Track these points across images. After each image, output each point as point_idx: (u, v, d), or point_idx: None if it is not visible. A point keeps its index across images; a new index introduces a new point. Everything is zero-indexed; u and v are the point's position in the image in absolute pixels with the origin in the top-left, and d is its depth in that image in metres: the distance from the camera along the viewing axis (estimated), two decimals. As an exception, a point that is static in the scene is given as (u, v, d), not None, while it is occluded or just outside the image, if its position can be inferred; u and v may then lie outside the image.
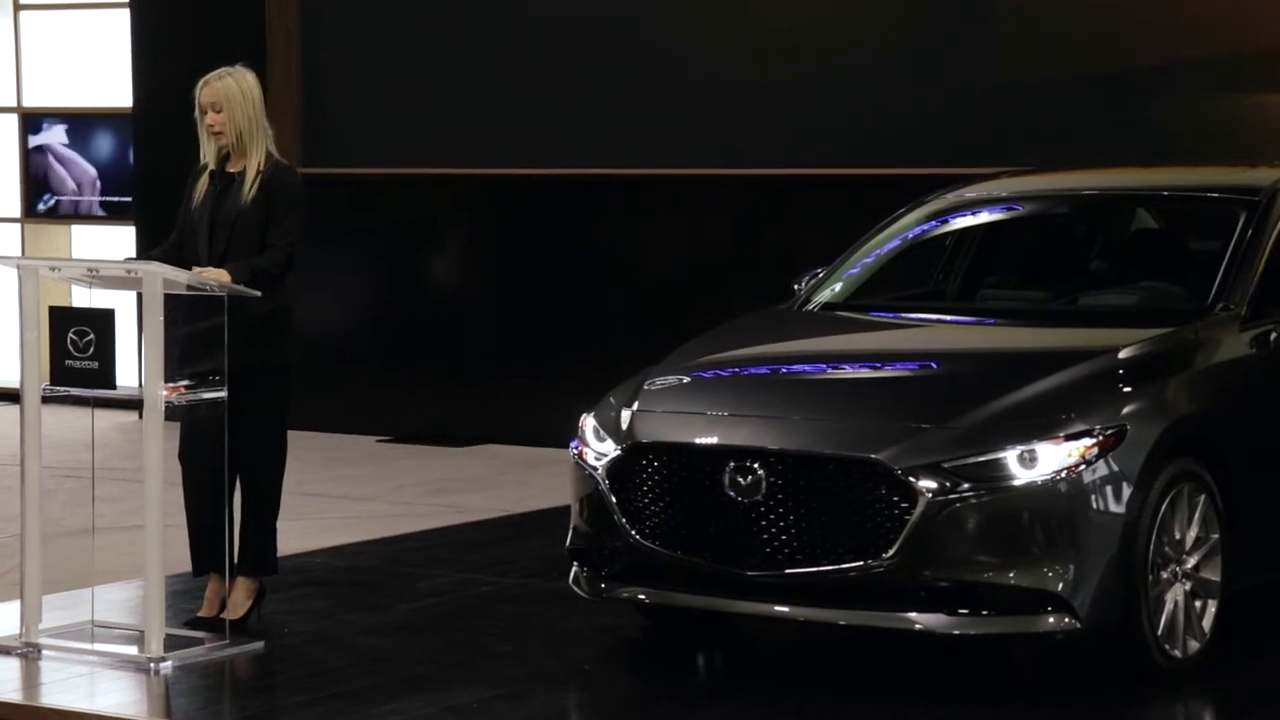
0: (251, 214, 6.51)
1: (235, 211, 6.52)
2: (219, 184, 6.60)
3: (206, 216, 6.57)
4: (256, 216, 6.51)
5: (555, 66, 10.99)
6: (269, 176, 6.53)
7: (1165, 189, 7.41)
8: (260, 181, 6.52)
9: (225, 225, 6.53)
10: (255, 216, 6.51)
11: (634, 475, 6.19)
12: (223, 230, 6.53)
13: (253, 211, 6.51)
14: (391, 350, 11.44)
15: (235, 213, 6.52)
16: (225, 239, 6.51)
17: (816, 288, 7.23)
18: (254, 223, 6.51)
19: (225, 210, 6.54)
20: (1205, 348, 6.37)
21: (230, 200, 6.54)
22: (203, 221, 6.57)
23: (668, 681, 6.20)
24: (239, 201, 6.52)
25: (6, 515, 8.91)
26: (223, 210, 6.54)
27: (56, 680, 6.18)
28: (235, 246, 6.49)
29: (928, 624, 5.83)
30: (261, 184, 6.52)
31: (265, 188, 6.51)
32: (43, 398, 6.48)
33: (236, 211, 6.52)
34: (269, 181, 6.52)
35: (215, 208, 6.56)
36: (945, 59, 10.06)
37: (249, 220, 6.51)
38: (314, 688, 6.03)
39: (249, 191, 6.52)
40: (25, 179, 12.96)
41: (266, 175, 6.53)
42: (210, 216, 6.56)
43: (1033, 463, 5.82)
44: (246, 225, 6.51)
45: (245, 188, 6.52)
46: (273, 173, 6.55)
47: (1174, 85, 9.61)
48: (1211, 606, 6.13)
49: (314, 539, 8.27)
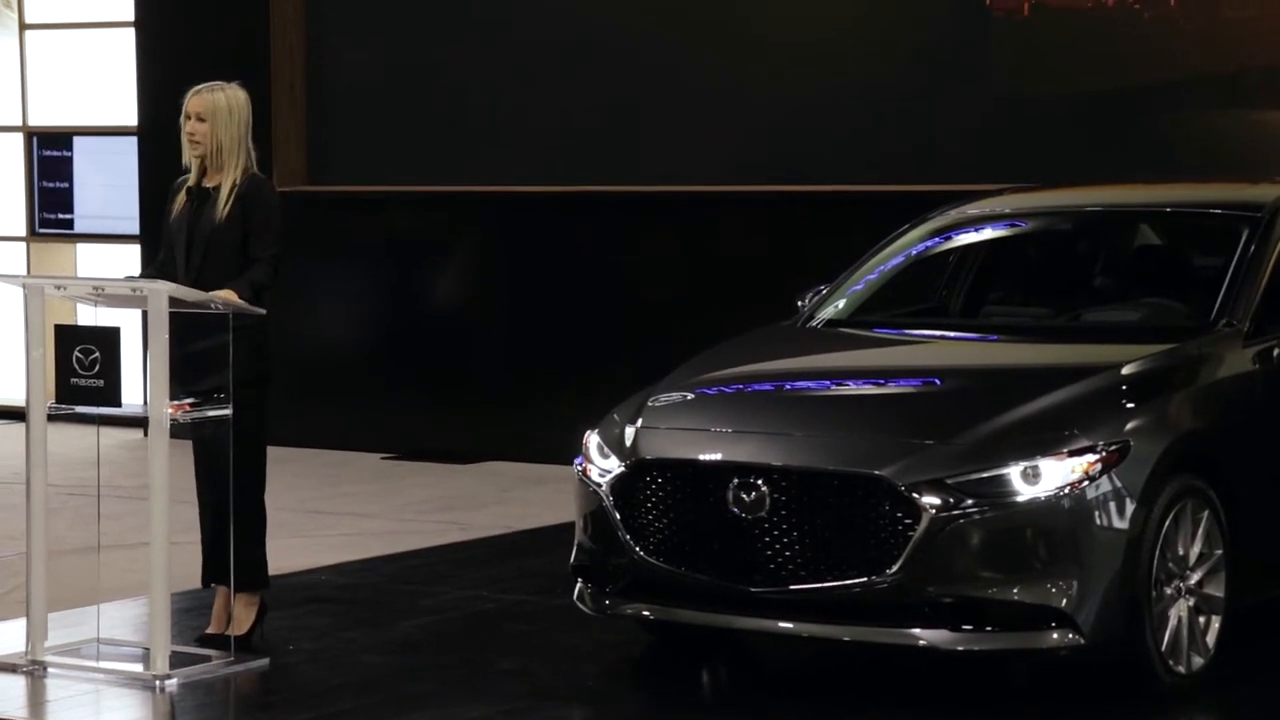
0: (226, 229, 6.55)
1: (210, 227, 6.57)
2: (196, 199, 6.64)
3: (184, 232, 6.62)
4: (232, 232, 6.55)
5: (558, 84, 11.01)
6: (244, 191, 6.58)
7: (1168, 205, 7.42)
8: (235, 196, 6.57)
9: (201, 240, 6.57)
10: (230, 232, 6.55)
11: (638, 492, 6.19)
12: (199, 245, 6.57)
13: (228, 227, 6.55)
14: (395, 367, 11.45)
15: (210, 228, 6.57)
16: (201, 253, 6.56)
17: (820, 304, 7.24)
18: (229, 238, 6.55)
19: (201, 225, 6.59)
20: (1208, 364, 6.38)
21: (205, 215, 6.59)
22: (179, 236, 6.63)
23: (672, 697, 6.20)
24: (214, 217, 6.57)
25: (11, 533, 8.91)
26: (199, 225, 6.59)
27: (62, 698, 6.18)
28: (211, 261, 6.54)
29: (932, 640, 5.83)
30: (237, 199, 6.56)
31: (240, 203, 6.56)
32: (48, 416, 6.49)
33: (211, 227, 6.57)
34: (244, 196, 6.57)
35: (192, 222, 6.61)
36: (948, 76, 10.07)
37: (224, 236, 6.55)
38: (317, 705, 6.03)
39: (224, 207, 6.56)
40: (31, 197, 12.98)
41: (242, 190, 6.58)
42: (187, 231, 6.61)
43: (1036, 479, 5.82)
44: (221, 240, 6.55)
45: (220, 203, 6.57)
46: (248, 188, 6.59)
47: (1177, 102, 9.62)
48: (1215, 622, 6.13)
49: (318, 556, 8.27)
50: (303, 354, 11.02)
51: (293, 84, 11.61)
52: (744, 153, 10.49)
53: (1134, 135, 9.61)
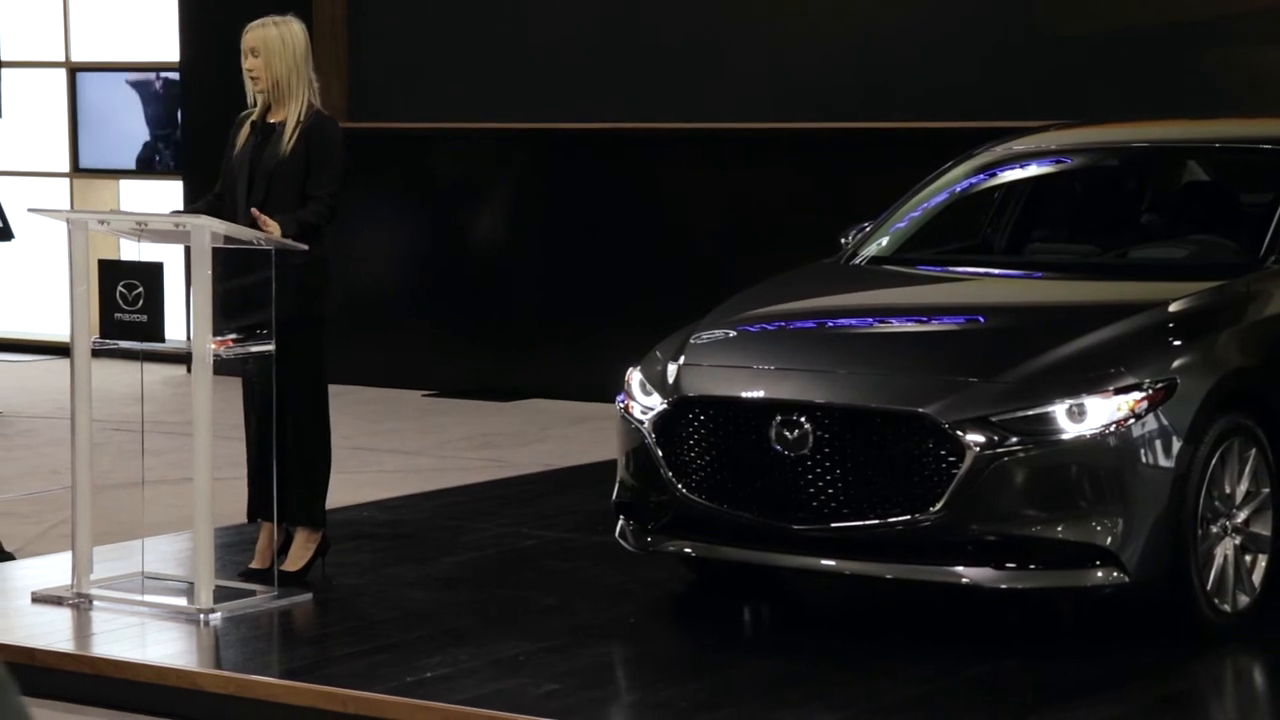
0: (289, 165, 6.51)
1: (274, 162, 6.53)
2: (260, 134, 6.60)
3: (246, 166, 6.58)
4: (295, 167, 6.51)
5: (603, 21, 10.95)
6: (309, 128, 6.53)
7: (1216, 141, 7.34)
8: (300, 133, 6.52)
9: (264, 175, 6.54)
10: (293, 167, 6.51)
11: (680, 429, 6.18)
12: (261, 180, 6.54)
13: (291, 162, 6.51)
14: (437, 305, 11.46)
15: (274, 163, 6.53)
16: (264, 189, 6.52)
17: (863, 242, 7.20)
18: (292, 174, 6.51)
19: (264, 160, 6.55)
20: (1256, 301, 6.32)
21: (270, 151, 6.55)
22: (242, 171, 6.58)
23: (713, 635, 6.20)
24: (278, 152, 6.53)
25: (57, 468, 8.97)
26: (262, 160, 6.55)
27: (107, 631, 6.22)
28: (273, 197, 6.50)
29: (975, 578, 5.81)
30: (301, 135, 6.52)
31: (304, 139, 6.52)
32: (92, 351, 6.51)
33: (275, 162, 6.53)
34: (308, 133, 6.52)
35: (255, 157, 6.57)
36: (992, 11, 9.98)
37: (287, 171, 6.51)
38: (360, 640, 6.06)
39: (288, 142, 6.52)
40: (74, 133, 13.00)
41: (306, 126, 6.53)
42: (250, 166, 6.57)
43: (1081, 416, 5.78)
44: (284, 176, 6.51)
45: (284, 138, 6.52)
46: (312, 124, 6.54)
47: (1225, 36, 9.51)
48: (1262, 561, 6.10)
49: (360, 493, 8.30)
50: (344, 292, 11.03)
51: (334, 20, 11.58)
52: (787, 91, 10.42)
53: (1182, 70, 9.51)
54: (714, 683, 5.63)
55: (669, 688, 5.59)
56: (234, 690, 5.66)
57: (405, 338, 11.48)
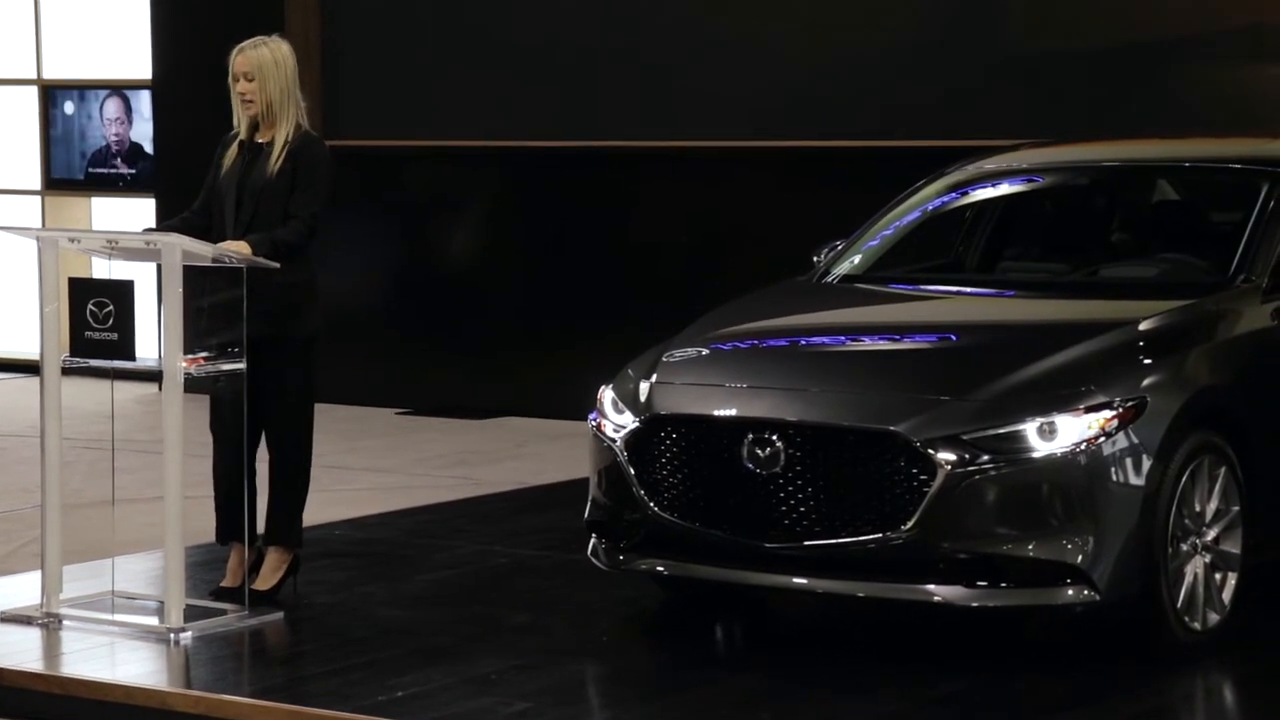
0: (277, 185, 6.52)
1: (262, 181, 6.53)
2: (248, 154, 6.61)
3: (234, 186, 6.58)
4: (282, 187, 6.52)
5: (574, 39, 10.96)
6: (296, 147, 6.54)
7: (1187, 160, 7.37)
8: (287, 152, 6.53)
9: (252, 195, 6.54)
10: (281, 187, 6.52)
11: (652, 447, 6.18)
12: (249, 200, 6.54)
13: (278, 182, 6.52)
14: (411, 323, 11.45)
15: (261, 183, 6.53)
16: (251, 209, 6.52)
17: (836, 260, 7.21)
18: (279, 193, 6.52)
19: (252, 180, 6.55)
20: (1226, 320, 6.35)
21: (258, 170, 6.55)
22: (230, 190, 6.58)
23: (686, 653, 6.20)
24: (266, 172, 6.53)
25: (27, 486, 8.93)
26: (250, 180, 6.56)
27: (77, 650, 6.20)
28: (261, 216, 6.51)
29: (947, 596, 5.82)
30: (288, 155, 6.53)
31: (292, 159, 6.52)
32: (62, 369, 6.49)
33: (263, 182, 6.53)
34: (296, 153, 6.53)
35: (243, 177, 6.58)
36: (964, 31, 10.02)
37: (274, 191, 6.52)
38: (333, 659, 6.04)
39: (275, 162, 6.52)
40: (45, 151, 12.97)
41: (294, 146, 6.54)
42: (238, 186, 6.58)
43: (1052, 435, 5.80)
44: (272, 195, 6.52)
45: (272, 158, 6.53)
46: (300, 144, 6.56)
47: (1195, 56, 9.56)
48: (1232, 579, 6.12)
49: (334, 510, 8.28)
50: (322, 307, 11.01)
51: (307, 39, 11.57)
52: (760, 109, 10.45)
53: (1152, 90, 9.55)
54: (686, 701, 5.63)
55: (641, 706, 5.59)
56: (205, 710, 5.65)
57: (378, 355, 11.46)
